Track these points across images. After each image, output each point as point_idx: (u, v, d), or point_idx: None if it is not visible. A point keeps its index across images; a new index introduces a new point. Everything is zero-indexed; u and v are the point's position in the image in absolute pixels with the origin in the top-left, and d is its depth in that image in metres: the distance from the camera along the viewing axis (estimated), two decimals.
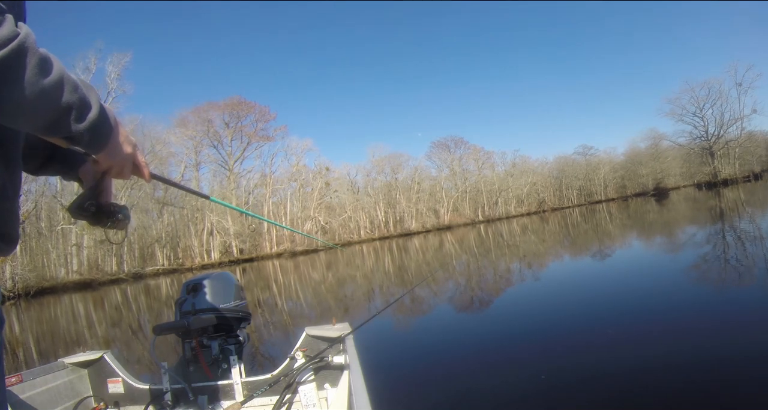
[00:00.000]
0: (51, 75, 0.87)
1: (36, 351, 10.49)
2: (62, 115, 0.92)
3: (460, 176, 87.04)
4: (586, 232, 24.63)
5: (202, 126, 60.44)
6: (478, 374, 4.88)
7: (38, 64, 0.84)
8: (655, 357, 4.48)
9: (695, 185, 78.90)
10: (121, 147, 1.15)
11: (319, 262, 33.35)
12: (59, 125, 0.93)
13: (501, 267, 14.64)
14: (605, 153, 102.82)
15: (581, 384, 4.14)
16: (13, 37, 0.79)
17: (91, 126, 0.99)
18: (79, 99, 0.95)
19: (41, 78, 0.84)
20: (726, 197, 35.86)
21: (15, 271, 33.61)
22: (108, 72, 44.82)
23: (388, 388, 4.53)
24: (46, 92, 0.86)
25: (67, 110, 0.92)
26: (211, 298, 3.04)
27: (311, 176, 69.06)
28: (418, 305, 10.06)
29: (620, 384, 4.03)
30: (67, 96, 0.91)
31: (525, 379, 4.49)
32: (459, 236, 40.48)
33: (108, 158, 1.14)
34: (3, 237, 1.05)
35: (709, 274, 8.38)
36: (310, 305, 12.44)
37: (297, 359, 2.98)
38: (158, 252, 50.69)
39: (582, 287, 9.14)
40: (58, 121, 0.92)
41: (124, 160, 1.18)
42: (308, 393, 2.85)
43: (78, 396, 3.17)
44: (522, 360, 5.17)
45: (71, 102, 0.92)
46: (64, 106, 0.91)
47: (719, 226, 16.35)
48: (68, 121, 0.93)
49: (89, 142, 1.03)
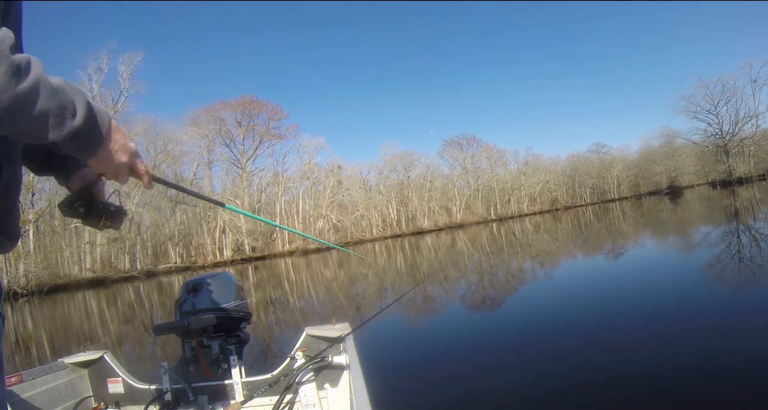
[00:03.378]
0: (25, 82, 0.84)
1: (49, 347, 10.56)
2: (38, 122, 0.89)
3: (473, 174, 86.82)
4: (599, 231, 24.45)
5: (214, 125, 60.84)
6: (479, 374, 4.85)
7: (10, 71, 0.81)
8: (666, 359, 4.41)
9: (709, 183, 78.03)
10: (114, 155, 1.12)
11: (331, 260, 33.38)
12: (35, 133, 0.91)
13: (511, 267, 14.55)
14: (619, 151, 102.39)
15: (583, 385, 4.09)
16: None
17: (71, 134, 0.96)
18: (59, 106, 0.92)
19: (13, 85, 0.81)
20: (741, 196, 35.48)
21: (28, 268, 34.00)
22: (120, 72, 45.28)
23: (389, 388, 4.50)
24: (18, 99, 0.83)
25: (43, 118, 0.89)
26: (211, 298, 3.04)
27: (323, 175, 69.31)
28: (419, 305, 10.01)
29: (624, 386, 3.97)
30: (42, 103, 0.88)
31: (526, 379, 4.45)
32: (471, 235, 40.36)
33: (99, 164, 1.12)
34: (6, 233, 1.06)
35: (723, 275, 8.24)
36: (321, 303, 12.44)
37: (297, 359, 2.96)
38: (171, 250, 51.07)
39: (588, 288, 9.05)
40: (33, 128, 0.89)
41: (117, 168, 1.15)
42: (308, 393, 2.83)
43: (78, 396, 3.17)
44: (523, 360, 5.11)
45: (47, 109, 0.89)
46: (38, 113, 0.88)
47: (734, 225, 16.18)
48: (45, 128, 0.91)
49: (74, 150, 1.00)
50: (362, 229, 71.12)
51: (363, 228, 71.49)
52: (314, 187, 67.53)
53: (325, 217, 65.55)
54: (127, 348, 9.36)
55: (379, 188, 77.46)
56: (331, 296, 13.65)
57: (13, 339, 12.62)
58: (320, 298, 13.71)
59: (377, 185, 78.23)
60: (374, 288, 14.09)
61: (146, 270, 42.96)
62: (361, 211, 71.39)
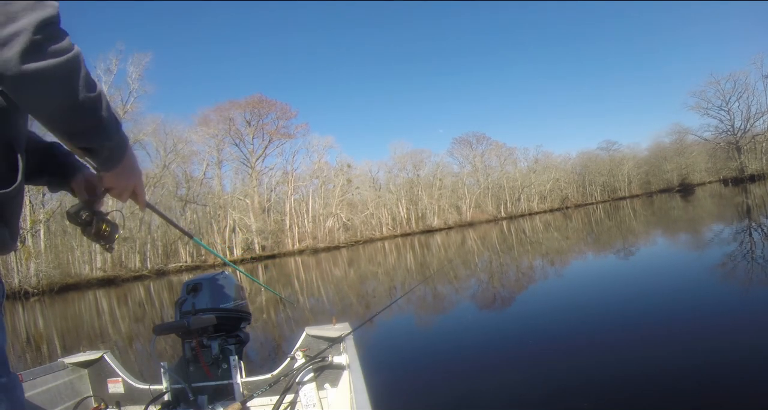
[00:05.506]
0: (95, 90, 1.01)
1: (60, 346, 10.62)
2: (97, 127, 1.05)
3: (482, 172, 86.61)
4: (610, 229, 24.29)
5: (223, 124, 61.23)
6: (479, 374, 4.83)
7: (86, 77, 0.98)
8: (674, 359, 4.38)
9: (721, 180, 77.14)
10: (129, 171, 1.28)
11: (341, 258, 33.44)
12: (92, 135, 1.06)
13: (521, 265, 14.50)
14: (629, 148, 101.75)
15: (583, 385, 4.05)
16: (72, 48, 0.94)
17: (114, 145, 1.13)
18: (111, 118, 1.09)
19: (88, 90, 0.98)
20: (753, 193, 35.18)
21: (39, 268, 34.28)
22: (129, 73, 45.46)
23: (389, 388, 4.48)
24: (91, 103, 1.00)
25: (102, 124, 1.05)
26: (211, 298, 3.03)
27: (333, 173, 69.42)
28: (420, 305, 9.99)
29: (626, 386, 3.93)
30: (104, 112, 1.04)
31: (527, 379, 4.43)
32: (481, 233, 40.29)
33: (114, 178, 1.26)
34: (12, 233, 1.12)
35: (736, 274, 8.11)
36: (331, 302, 12.46)
37: (297, 359, 2.95)
38: (181, 249, 51.29)
39: (594, 287, 8.96)
40: (92, 131, 1.05)
41: (126, 184, 1.31)
42: (308, 393, 2.83)
43: (78, 396, 3.18)
44: (525, 360, 5.09)
45: (106, 118, 1.06)
46: (99, 120, 1.04)
47: (746, 223, 16.03)
48: (100, 134, 1.07)
49: (107, 158, 1.16)
50: (372, 227, 71.16)
51: (373, 227, 71.53)
52: (324, 186, 67.67)
53: (335, 216, 65.62)
54: (138, 346, 9.40)
55: (388, 187, 77.45)
56: (340, 295, 13.67)
57: (24, 337, 12.72)
58: (329, 296, 13.73)
59: (387, 184, 78.24)
60: (382, 287, 14.10)
61: (157, 269, 43.20)
62: (370, 209, 71.40)
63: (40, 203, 38.41)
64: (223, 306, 3.03)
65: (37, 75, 0.89)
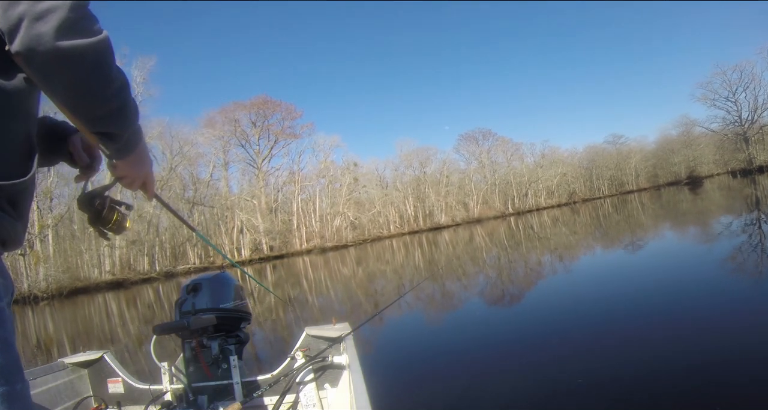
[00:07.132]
0: (123, 74, 1.03)
1: (70, 348, 10.66)
2: (122, 111, 1.05)
3: (489, 168, 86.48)
4: (618, 223, 24.19)
5: (229, 126, 61.48)
6: (480, 374, 4.79)
7: (115, 63, 1.00)
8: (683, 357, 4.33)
9: (729, 172, 76.68)
10: (141, 160, 1.28)
11: (349, 257, 33.49)
12: (116, 120, 1.06)
13: (529, 261, 14.47)
14: (636, 142, 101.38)
15: (585, 385, 4.00)
16: (102, 30, 0.96)
17: (134, 130, 1.15)
18: (134, 105, 1.10)
19: (118, 73, 1.00)
20: (762, 184, 34.94)
21: (48, 272, 34.50)
22: (134, 76, 45.67)
23: (389, 388, 4.46)
24: (120, 85, 1.01)
25: (126, 109, 1.06)
26: (211, 298, 3.01)
27: (339, 172, 69.61)
28: (420, 305, 9.96)
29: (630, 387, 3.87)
30: (129, 98, 1.06)
31: (528, 379, 4.39)
32: (489, 229, 40.24)
33: (127, 166, 1.25)
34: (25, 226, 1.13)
35: (746, 267, 8.00)
36: (340, 301, 12.48)
37: (297, 359, 2.94)
38: (189, 251, 51.53)
39: (600, 285, 8.83)
40: (116, 115, 1.05)
41: (138, 173, 1.31)
42: (308, 393, 2.82)
43: (78, 396, 3.17)
44: (526, 359, 5.05)
45: (131, 104, 1.07)
46: (124, 104, 1.05)
47: (755, 215, 15.92)
48: (123, 119, 1.08)
49: (124, 144, 1.15)
50: (379, 226, 71.24)
51: (380, 225, 71.61)
52: (330, 185, 67.84)
53: (342, 214, 65.72)
54: (147, 346, 9.43)
55: (395, 185, 77.49)
56: (348, 293, 13.72)
57: (34, 341, 12.80)
58: (338, 295, 13.77)
59: (394, 182, 78.27)
60: (390, 285, 14.12)
61: (165, 271, 43.42)
62: (378, 208, 71.46)
63: (48, 208, 38.68)
64: (223, 306, 3.01)
65: (71, 53, 0.89)
